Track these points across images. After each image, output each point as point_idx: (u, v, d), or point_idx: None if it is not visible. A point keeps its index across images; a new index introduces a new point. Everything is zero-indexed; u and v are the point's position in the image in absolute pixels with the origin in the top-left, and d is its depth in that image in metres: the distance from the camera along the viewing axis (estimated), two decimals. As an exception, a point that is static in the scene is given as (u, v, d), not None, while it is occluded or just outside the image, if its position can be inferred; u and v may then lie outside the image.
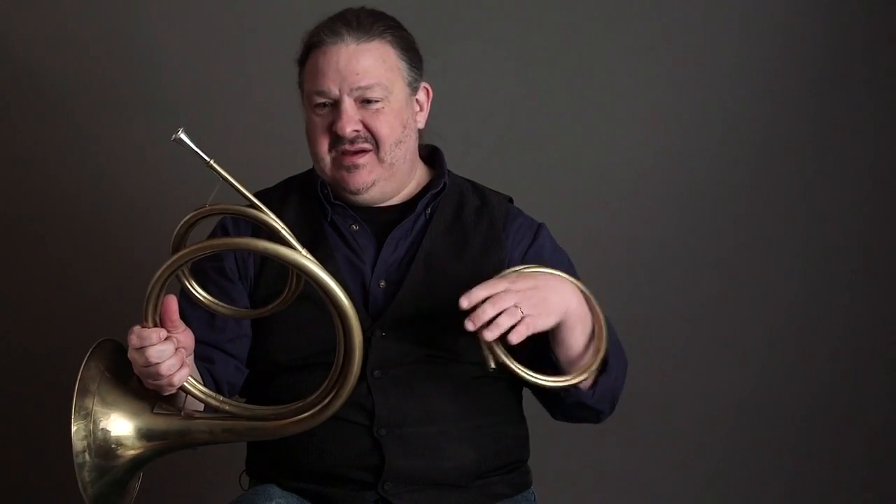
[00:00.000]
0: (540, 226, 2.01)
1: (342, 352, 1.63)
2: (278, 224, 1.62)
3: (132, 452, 1.70)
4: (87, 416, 1.67)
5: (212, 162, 1.57)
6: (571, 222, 2.07)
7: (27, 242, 2.99)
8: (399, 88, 1.91)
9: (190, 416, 1.73)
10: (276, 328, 1.89)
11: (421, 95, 1.97)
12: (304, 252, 1.60)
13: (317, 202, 1.96)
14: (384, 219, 1.94)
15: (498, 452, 1.92)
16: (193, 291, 1.70)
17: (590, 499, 3.05)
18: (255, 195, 1.96)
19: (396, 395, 1.86)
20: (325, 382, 1.67)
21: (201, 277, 1.78)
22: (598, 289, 1.87)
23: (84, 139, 2.97)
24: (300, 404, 1.70)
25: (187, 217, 1.63)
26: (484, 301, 1.70)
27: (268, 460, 1.95)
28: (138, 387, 1.72)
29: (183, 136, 1.56)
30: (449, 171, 2.00)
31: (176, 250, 1.63)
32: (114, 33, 2.94)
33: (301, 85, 1.96)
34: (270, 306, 1.71)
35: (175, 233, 1.63)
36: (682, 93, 3.06)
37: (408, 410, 1.86)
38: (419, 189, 1.98)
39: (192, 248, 1.61)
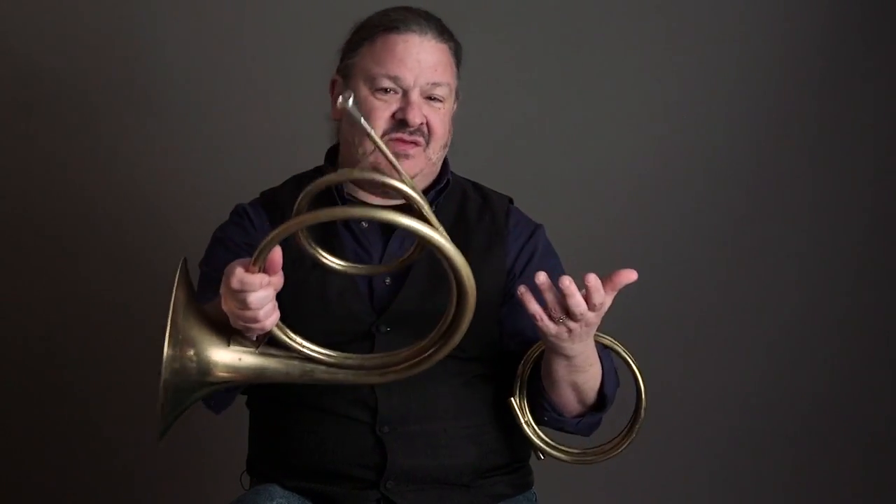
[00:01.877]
0: (537, 226, 2.08)
1: (451, 316, 1.65)
2: (422, 200, 1.63)
3: (210, 379, 1.70)
4: (177, 342, 1.65)
5: (372, 132, 1.61)
6: (573, 223, 2.05)
7: (31, 242, 2.91)
8: (453, 94, 1.99)
9: (266, 353, 1.72)
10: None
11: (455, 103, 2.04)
12: (441, 230, 1.61)
13: (326, 198, 1.96)
14: None
15: (499, 451, 1.96)
16: (323, 257, 1.70)
17: (590, 500, 3.06)
18: (263, 194, 2.05)
19: (399, 393, 1.89)
20: (425, 341, 1.70)
21: (232, 252, 1.81)
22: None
23: (89, 141, 2.90)
24: (388, 357, 1.72)
25: (328, 177, 1.62)
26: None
27: (269, 459, 1.97)
28: (215, 316, 1.69)
29: (350, 106, 1.58)
30: (451, 172, 2.06)
31: (300, 213, 1.61)
32: (122, 33, 2.87)
33: (351, 63, 1.96)
34: (397, 261, 1.74)
35: (305, 191, 1.61)
36: (683, 93, 3.07)
37: (411, 408, 1.89)
38: (424, 187, 2.02)
39: (320, 211, 1.58)
